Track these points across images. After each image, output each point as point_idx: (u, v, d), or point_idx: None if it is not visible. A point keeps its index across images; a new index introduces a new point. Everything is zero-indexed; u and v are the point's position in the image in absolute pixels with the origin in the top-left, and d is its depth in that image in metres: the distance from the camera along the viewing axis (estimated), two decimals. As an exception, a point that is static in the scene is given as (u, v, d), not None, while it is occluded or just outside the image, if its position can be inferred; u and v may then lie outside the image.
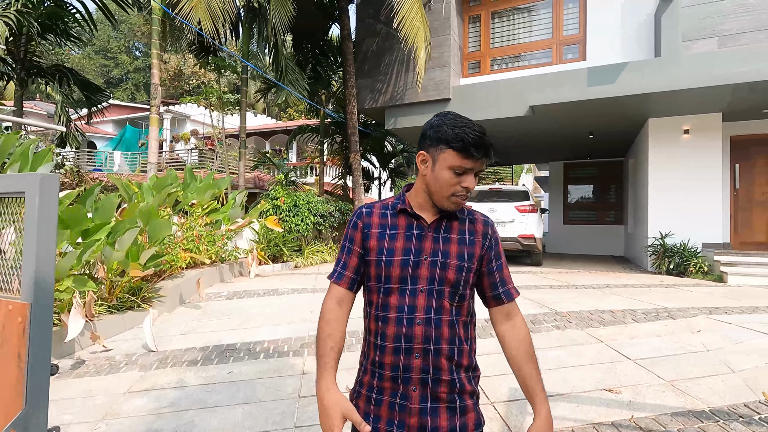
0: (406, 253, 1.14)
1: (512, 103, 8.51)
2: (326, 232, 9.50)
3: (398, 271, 1.13)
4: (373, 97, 9.85)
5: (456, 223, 1.19)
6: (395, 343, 1.12)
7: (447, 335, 1.12)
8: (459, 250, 1.15)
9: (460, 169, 1.10)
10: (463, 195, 1.13)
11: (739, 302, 5.04)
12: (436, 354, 1.11)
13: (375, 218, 1.20)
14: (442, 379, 1.11)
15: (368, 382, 1.17)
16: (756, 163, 8.67)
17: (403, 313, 1.12)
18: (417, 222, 1.17)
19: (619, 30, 8.45)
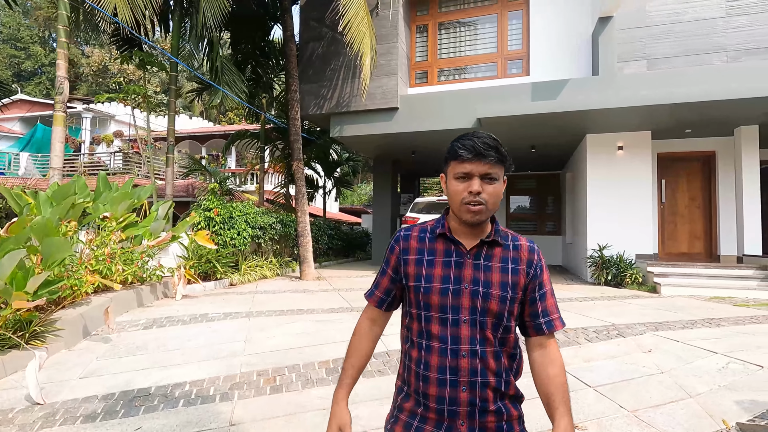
0: (445, 281, 1.13)
1: (460, 115, 8.45)
2: (266, 245, 8.83)
3: (437, 300, 1.12)
4: (318, 103, 9.40)
5: (498, 250, 1.16)
6: (440, 374, 1.10)
7: (494, 367, 1.11)
8: (502, 279, 1.13)
9: (460, 174, 1.11)
10: (472, 201, 1.10)
11: (676, 315, 5.19)
12: (483, 387, 1.10)
13: (413, 242, 1.20)
14: (489, 410, 1.10)
15: (410, 408, 1.15)
16: (679, 178, 9.31)
17: (447, 343, 1.11)
18: (456, 248, 1.15)
19: (560, 48, 8.72)
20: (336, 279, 8.62)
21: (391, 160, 11.90)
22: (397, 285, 1.23)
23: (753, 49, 7.89)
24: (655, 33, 8.38)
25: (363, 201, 28.58)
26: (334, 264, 11.88)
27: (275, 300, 6.12)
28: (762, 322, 4.86)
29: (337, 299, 6.23)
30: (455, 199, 1.13)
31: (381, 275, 1.26)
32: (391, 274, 1.23)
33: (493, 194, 1.11)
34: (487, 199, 1.10)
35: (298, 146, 8.73)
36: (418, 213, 9.00)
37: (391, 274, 1.23)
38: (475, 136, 1.13)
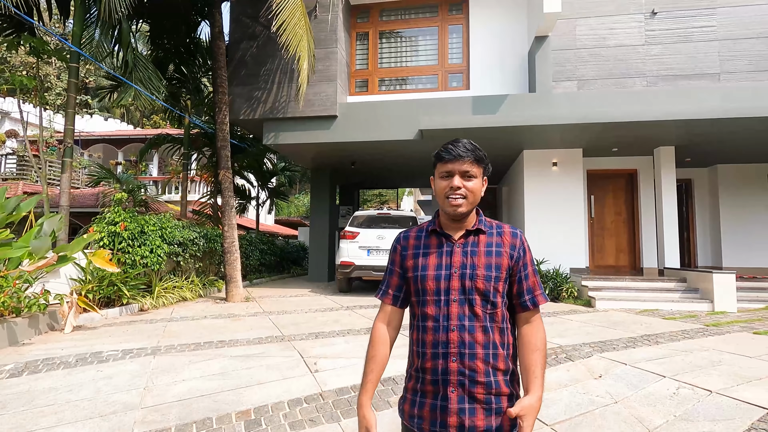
0: (438, 268, 1.28)
1: (401, 126, 8.18)
2: (187, 263, 7.85)
3: (432, 285, 1.27)
4: (250, 107, 8.66)
5: (483, 237, 1.31)
6: (434, 348, 1.24)
7: (481, 340, 1.23)
8: (486, 261, 1.27)
9: (443, 173, 1.29)
10: (452, 195, 1.26)
11: (616, 331, 5.18)
12: (471, 357, 1.22)
13: (411, 241, 1.37)
14: (478, 381, 1.21)
15: (412, 387, 1.30)
16: (606, 194, 9.77)
17: (439, 321, 1.25)
18: (447, 240, 1.31)
19: (498, 64, 8.81)
20: (267, 300, 7.85)
21: (330, 171, 11.37)
22: (405, 279, 1.35)
23: (668, 76, 8.51)
24: (584, 56, 8.77)
25: (301, 212, 27.57)
26: (266, 281, 11.01)
27: (191, 329, 5.28)
28: (692, 336, 4.98)
29: (266, 326, 5.53)
30: (440, 195, 1.29)
31: (389, 275, 1.39)
32: (399, 270, 1.36)
33: (472, 189, 1.27)
34: (467, 194, 1.26)
35: (225, 153, 7.91)
36: (357, 227, 8.53)
37: (398, 270, 1.37)
38: (456, 141, 1.29)
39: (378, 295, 1.40)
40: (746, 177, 9.99)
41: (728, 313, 6.65)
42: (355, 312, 6.60)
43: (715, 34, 8.45)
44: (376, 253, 8.22)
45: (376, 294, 1.41)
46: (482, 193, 1.31)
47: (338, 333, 5.10)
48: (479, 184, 1.29)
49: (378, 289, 1.41)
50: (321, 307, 7.02)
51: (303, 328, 5.35)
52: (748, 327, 5.52)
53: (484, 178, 1.32)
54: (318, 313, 6.46)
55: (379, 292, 1.39)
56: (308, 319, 6.03)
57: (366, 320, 5.89)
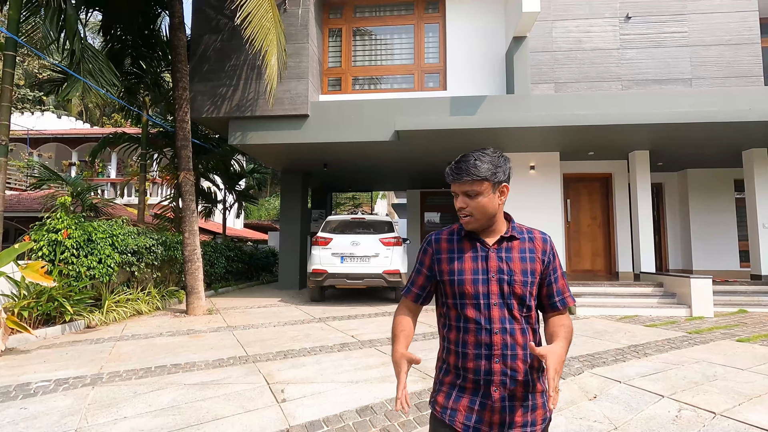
0: (475, 273, 1.31)
1: (377, 127, 7.81)
2: (143, 274, 7.18)
3: (471, 289, 1.31)
4: (215, 104, 8.08)
5: (516, 242, 1.35)
6: (476, 350, 1.28)
7: (521, 341, 1.28)
8: (522, 267, 1.32)
9: (453, 193, 1.36)
10: (461, 214, 1.33)
11: (602, 342, 4.98)
12: (513, 358, 1.26)
13: (443, 244, 1.39)
14: (518, 380, 1.26)
15: (450, 381, 1.33)
16: (581, 198, 9.72)
17: (481, 324, 1.28)
18: (480, 245, 1.35)
19: (476, 65, 8.59)
20: (232, 312, 7.28)
21: (301, 173, 10.86)
22: (432, 282, 1.41)
23: (642, 80, 8.53)
24: (560, 58, 8.69)
25: (272, 216, 26.72)
26: (233, 290, 10.37)
27: (143, 350, 4.70)
28: (678, 345, 4.83)
29: (229, 344, 5.01)
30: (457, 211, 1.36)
31: (416, 274, 1.44)
32: (426, 272, 1.42)
33: (476, 207, 1.30)
34: (473, 212, 1.31)
35: (186, 153, 7.30)
36: (330, 233, 8.08)
37: (426, 272, 1.42)
38: (462, 160, 1.32)
39: (403, 291, 1.47)
40: (714, 181, 10.19)
41: (706, 318, 6.62)
42: (328, 324, 6.16)
43: (686, 39, 8.54)
44: (351, 260, 7.80)
45: (401, 291, 1.48)
46: (501, 200, 1.33)
47: (309, 351, 4.65)
48: (487, 199, 1.30)
49: (404, 287, 1.47)
50: (291, 320, 6.53)
51: (270, 346, 4.87)
52: (729, 334, 5.45)
53: (501, 186, 1.32)
54: (287, 327, 5.98)
55: (404, 289, 1.46)
56: (276, 334, 5.54)
57: (340, 334, 5.46)
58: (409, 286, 1.45)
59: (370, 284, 7.76)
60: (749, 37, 8.42)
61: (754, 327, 5.92)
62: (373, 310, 7.39)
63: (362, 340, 5.14)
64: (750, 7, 8.45)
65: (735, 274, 9.65)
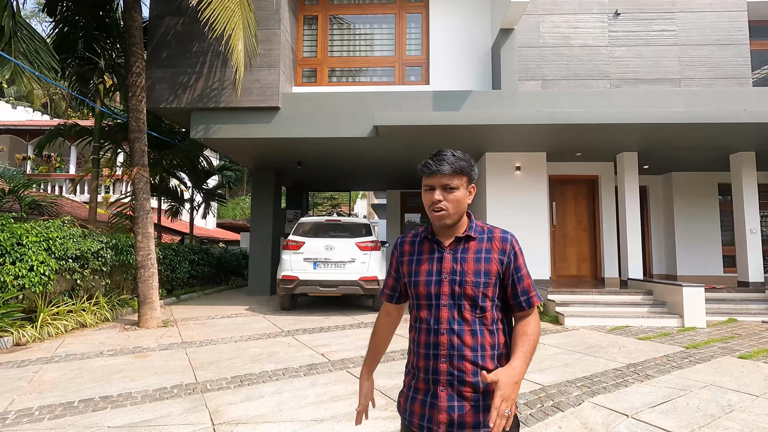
0: (429, 274, 1.34)
1: (354, 122, 7.22)
2: (88, 281, 6.38)
3: (424, 290, 1.34)
4: (175, 93, 7.33)
5: (473, 243, 1.34)
6: (426, 350, 1.31)
7: (470, 342, 1.27)
8: (476, 268, 1.31)
9: (426, 187, 1.33)
10: (435, 208, 1.30)
11: (597, 360, 4.54)
12: (460, 359, 1.27)
13: (407, 246, 1.43)
14: (466, 381, 1.26)
15: (408, 382, 1.38)
16: (567, 201, 9.37)
17: (431, 324, 1.31)
18: (438, 246, 1.36)
19: (460, 59, 8.11)
20: (192, 323, 6.57)
21: (274, 171, 10.17)
22: (400, 282, 1.46)
23: (631, 79, 8.21)
24: (547, 55, 8.29)
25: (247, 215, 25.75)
26: (198, 297, 9.59)
27: (72, 377, 3.99)
28: (679, 364, 4.42)
29: (178, 366, 4.34)
30: (426, 207, 1.34)
31: (387, 276, 1.51)
32: (394, 274, 1.47)
33: (454, 201, 1.30)
34: (448, 206, 1.30)
35: (140, 147, 6.54)
36: (303, 236, 7.44)
37: (393, 274, 1.48)
38: (438, 154, 1.31)
39: (380, 293, 1.57)
40: (699, 185, 10.01)
41: (698, 329, 6.30)
42: (297, 339, 5.54)
43: (675, 39, 8.27)
44: (324, 266, 7.18)
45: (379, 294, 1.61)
46: (469, 200, 1.34)
47: (271, 375, 4.03)
48: (463, 194, 1.32)
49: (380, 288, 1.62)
50: (256, 333, 5.88)
51: (226, 369, 4.22)
52: (727, 348, 5.10)
53: (471, 185, 1.35)
54: (250, 343, 5.33)
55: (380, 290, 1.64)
56: (236, 352, 4.89)
57: (308, 352, 4.86)
58: (383, 288, 1.52)
59: (345, 292, 7.16)
60: (738, 37, 8.20)
61: (750, 339, 5.61)
62: (348, 320, 6.80)
63: (333, 360, 4.55)
64: (739, 7, 8.23)
65: (719, 279, 9.48)
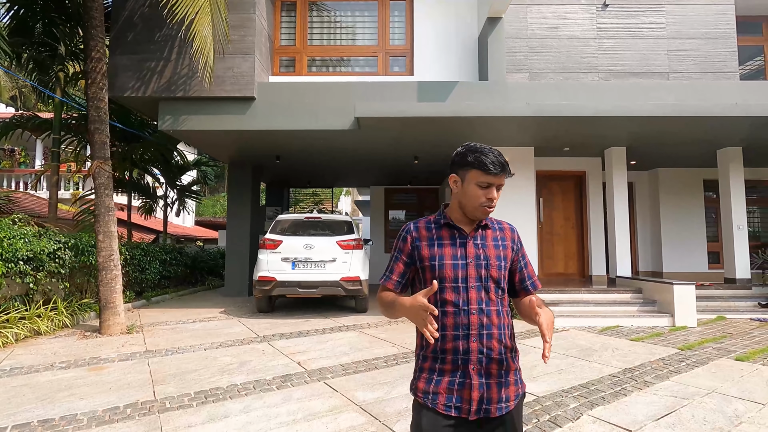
0: (455, 258, 1.40)
1: (335, 113, 6.83)
2: (44, 285, 5.85)
3: (451, 273, 1.38)
4: (142, 80, 6.82)
5: (489, 231, 1.46)
6: (455, 331, 1.35)
7: (496, 321, 1.37)
8: (496, 253, 1.43)
9: (484, 184, 1.37)
10: (488, 205, 1.38)
11: (591, 365, 4.29)
12: (489, 338, 1.35)
13: (423, 232, 1.46)
14: (493, 358, 1.34)
15: (429, 367, 1.38)
16: (554, 197, 9.17)
17: (459, 306, 1.36)
18: (459, 232, 1.43)
19: (446, 49, 7.78)
20: (160, 329, 6.10)
21: (251, 166, 9.68)
22: (411, 269, 1.47)
23: (619, 72, 8.02)
24: (535, 46, 8.03)
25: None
26: (171, 299, 9.07)
27: (11, 395, 3.52)
28: (677, 368, 4.20)
29: (137, 380, 3.91)
30: (473, 202, 1.39)
31: (395, 262, 1.48)
32: (406, 259, 1.46)
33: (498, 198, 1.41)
34: (496, 203, 1.40)
35: (101, 139, 6.02)
36: (280, 234, 7.02)
37: (405, 259, 1.47)
38: (493, 153, 1.38)
39: (382, 279, 1.50)
40: (685, 181, 9.94)
41: (689, 328, 6.14)
42: (272, 345, 5.15)
43: (663, 31, 8.10)
44: (304, 265, 6.79)
45: (380, 278, 1.51)
46: None
47: (240, 389, 3.64)
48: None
49: (383, 273, 1.50)
50: (228, 339, 5.46)
51: (190, 383, 3.81)
52: (722, 349, 4.92)
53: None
54: (221, 351, 4.92)
55: (383, 276, 1.50)
56: (205, 362, 4.48)
57: (284, 360, 4.48)
58: (389, 275, 1.48)
59: (325, 293, 6.79)
60: (726, 31, 8.09)
61: (743, 339, 5.46)
62: (329, 323, 6.44)
63: (310, 369, 4.19)
64: (727, 1, 8.12)
65: (704, 276, 9.43)
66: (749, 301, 7.36)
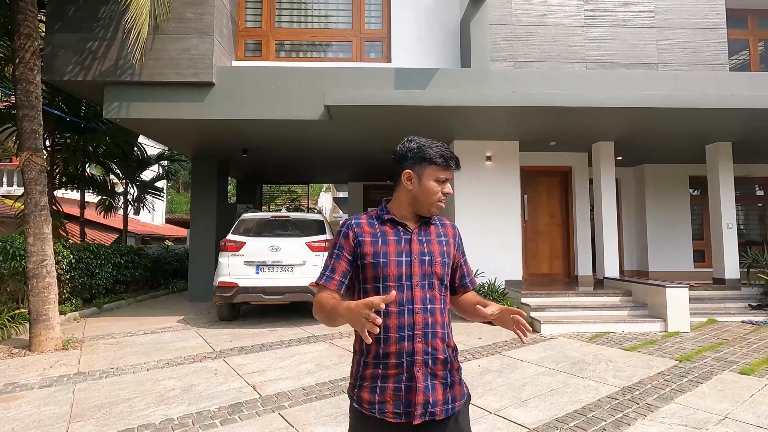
0: (399, 255, 1.33)
1: (305, 102, 6.22)
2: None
3: (395, 270, 1.31)
4: (83, 62, 6.05)
5: (432, 228, 1.43)
6: (399, 332, 1.28)
7: (440, 320, 1.33)
8: (440, 249, 1.39)
9: (441, 179, 1.36)
10: (443, 200, 1.38)
11: (585, 382, 3.82)
12: (434, 337, 1.30)
13: (365, 227, 1.38)
14: (438, 358, 1.29)
15: (371, 374, 1.29)
16: (539, 194, 8.74)
17: (404, 305, 1.29)
18: (403, 228, 1.38)
19: (426, 33, 7.22)
20: (103, 343, 5.39)
21: (217, 160, 8.96)
22: (353, 267, 1.37)
23: (607, 63, 7.61)
24: (520, 33, 7.53)
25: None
26: (128, 305, 8.29)
27: None
28: (679, 386, 3.77)
29: (51, 415, 3.23)
30: (430, 198, 1.35)
31: (336, 260, 1.37)
32: (348, 257, 1.36)
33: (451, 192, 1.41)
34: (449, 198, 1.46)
35: (32, 127, 5.24)
36: (244, 235, 6.37)
37: (347, 257, 1.36)
38: (445, 147, 1.37)
39: (321, 280, 1.36)
40: (671, 178, 9.66)
41: (682, 333, 5.78)
42: (228, 363, 4.52)
43: (652, 20, 7.72)
44: (269, 270, 6.15)
45: (318, 279, 1.37)
46: None
47: (175, 426, 3.02)
48: None
49: (320, 274, 1.37)
50: (179, 355, 4.80)
51: (115, 417, 3.17)
52: (723, 360, 4.53)
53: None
54: (166, 371, 4.26)
55: (322, 277, 1.36)
56: (142, 386, 3.82)
57: (237, 383, 3.86)
58: (329, 274, 1.36)
59: (294, 299, 6.18)
60: (715, 21, 7.76)
61: (740, 346, 5.10)
62: (297, 333, 5.83)
63: (266, 395, 3.59)
64: (717, -11, 7.79)
65: (690, 275, 9.17)
66: (739, 302, 7.08)
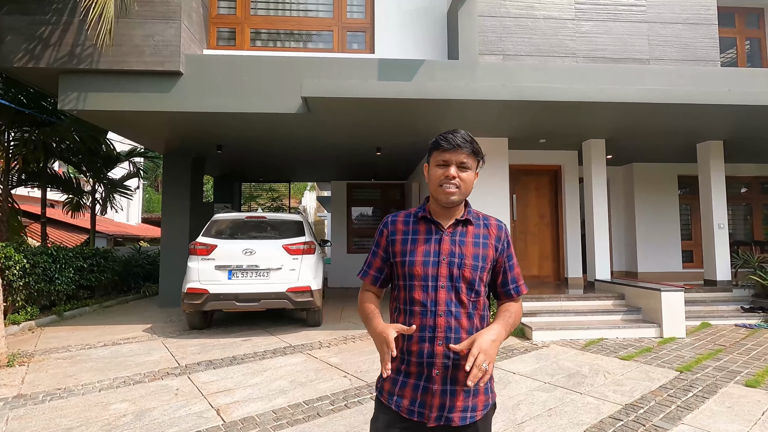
0: (426, 255, 1.31)
1: (281, 94, 5.78)
2: None
3: (420, 270, 1.30)
4: (35, 48, 5.50)
5: (471, 227, 1.36)
6: (421, 333, 1.27)
7: (466, 326, 1.28)
8: (474, 252, 1.32)
9: (440, 162, 1.31)
10: (447, 183, 1.29)
11: (582, 398, 3.50)
12: (456, 342, 1.25)
13: (399, 225, 1.39)
14: (461, 365, 1.20)
15: (395, 367, 1.30)
16: (528, 193, 8.47)
17: (427, 306, 1.28)
18: (436, 227, 1.35)
19: (411, 23, 6.84)
20: (56, 357, 4.87)
21: (190, 157, 8.43)
22: (387, 263, 1.40)
23: (598, 57, 7.35)
24: (509, 26, 7.22)
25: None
26: (93, 312, 7.71)
27: None
28: (685, 402, 3.48)
29: (-27, 452, 2.75)
30: (434, 183, 1.32)
31: (373, 256, 1.43)
32: (382, 254, 1.40)
33: (466, 180, 1.31)
34: (460, 184, 1.30)
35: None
36: (215, 238, 5.90)
37: (382, 254, 1.40)
38: (455, 131, 1.32)
39: (359, 274, 1.44)
40: (660, 177, 9.51)
41: (678, 339, 5.54)
42: (193, 379, 4.07)
43: (644, 15, 7.50)
44: (242, 275, 5.70)
45: (358, 273, 1.44)
46: (473, 185, 1.34)
47: (119, 464, 2.58)
48: (473, 176, 1.33)
49: (361, 267, 1.44)
50: (138, 371, 4.33)
51: (50, 454, 2.71)
52: (725, 370, 4.27)
53: (476, 171, 1.36)
54: (121, 392, 3.80)
55: (360, 271, 1.44)
56: (88, 413, 3.35)
57: (201, 406, 3.42)
58: (366, 269, 1.43)
59: (270, 306, 5.74)
60: (707, 17, 7.58)
61: (739, 353, 4.88)
62: (273, 343, 5.40)
63: (231, 421, 3.16)
64: (708, -16, 7.61)
65: (679, 275, 9.04)
66: (732, 305, 6.91)
